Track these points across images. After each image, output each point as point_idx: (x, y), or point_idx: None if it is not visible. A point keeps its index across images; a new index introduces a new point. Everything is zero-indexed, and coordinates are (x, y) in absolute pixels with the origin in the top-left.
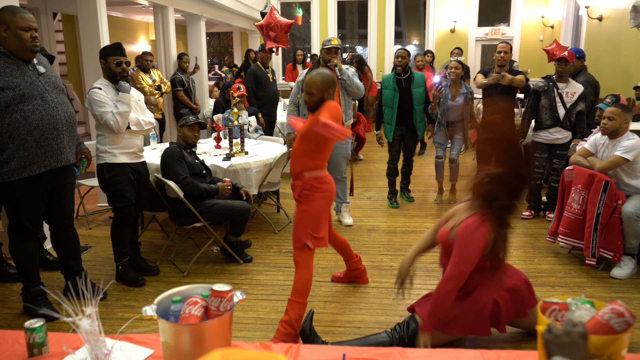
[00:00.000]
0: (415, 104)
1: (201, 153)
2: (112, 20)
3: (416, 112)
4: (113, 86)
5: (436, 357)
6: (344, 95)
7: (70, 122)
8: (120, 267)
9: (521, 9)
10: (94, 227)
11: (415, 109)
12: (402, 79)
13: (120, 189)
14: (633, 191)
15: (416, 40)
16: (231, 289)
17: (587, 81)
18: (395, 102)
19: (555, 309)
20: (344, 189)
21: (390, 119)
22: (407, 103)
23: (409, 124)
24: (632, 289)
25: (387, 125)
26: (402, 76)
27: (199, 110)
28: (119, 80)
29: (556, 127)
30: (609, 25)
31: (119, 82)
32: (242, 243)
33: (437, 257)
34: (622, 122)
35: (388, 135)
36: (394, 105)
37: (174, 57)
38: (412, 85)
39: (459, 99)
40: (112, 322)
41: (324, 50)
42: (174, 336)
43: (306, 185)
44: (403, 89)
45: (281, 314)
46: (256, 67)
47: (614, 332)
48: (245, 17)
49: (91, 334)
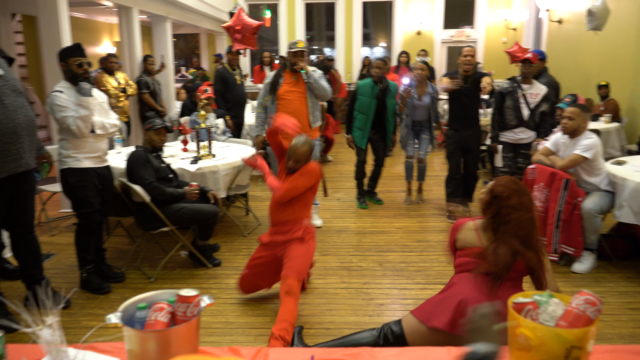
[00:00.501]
0: (388, 114)
1: (168, 156)
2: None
3: (389, 122)
4: (75, 89)
5: (405, 355)
6: (311, 97)
7: (31, 126)
8: (85, 275)
9: (485, 12)
10: (56, 233)
11: (388, 120)
12: (380, 89)
13: (85, 194)
14: (592, 188)
15: (383, 42)
16: (198, 294)
17: (548, 82)
18: (371, 110)
19: (529, 308)
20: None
21: (364, 126)
22: (381, 113)
23: (380, 130)
24: (592, 282)
25: (358, 131)
26: (380, 85)
27: (165, 113)
28: (80, 82)
29: (521, 127)
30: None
31: (79, 84)
32: (210, 247)
33: (406, 257)
34: (582, 122)
35: (360, 141)
36: (370, 113)
37: (139, 59)
38: (387, 96)
39: (425, 98)
40: (76, 332)
41: (291, 53)
42: (139, 343)
43: (307, 228)
44: (379, 99)
45: (250, 317)
46: (223, 69)
47: (591, 322)
48: (212, 19)
49: (52, 344)
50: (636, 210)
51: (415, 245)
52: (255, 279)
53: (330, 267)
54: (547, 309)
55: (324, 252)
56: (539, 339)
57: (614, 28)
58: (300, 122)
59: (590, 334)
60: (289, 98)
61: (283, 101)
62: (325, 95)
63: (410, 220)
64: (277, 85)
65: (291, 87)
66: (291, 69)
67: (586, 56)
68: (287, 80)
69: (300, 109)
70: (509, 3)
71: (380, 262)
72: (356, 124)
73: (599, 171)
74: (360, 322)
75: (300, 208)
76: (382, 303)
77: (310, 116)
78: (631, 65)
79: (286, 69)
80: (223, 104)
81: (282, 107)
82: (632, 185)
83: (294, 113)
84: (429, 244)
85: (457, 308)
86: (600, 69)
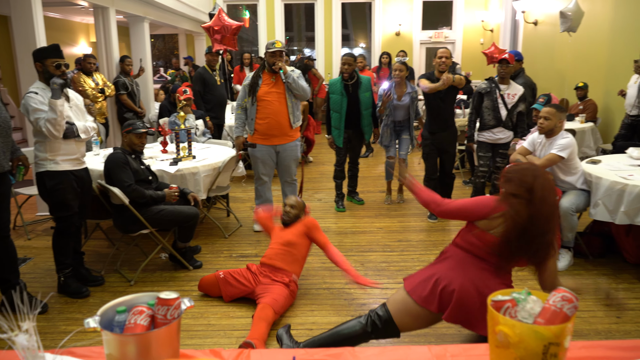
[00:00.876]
0: (362, 108)
1: (147, 158)
2: (50, 22)
3: (363, 116)
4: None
5: (387, 354)
6: (291, 97)
7: (5, 128)
8: (63, 279)
9: (462, 13)
10: (33, 237)
11: (362, 114)
12: (349, 84)
13: (63, 197)
14: (568, 187)
15: (363, 42)
16: (178, 297)
17: (525, 83)
18: (343, 107)
19: (508, 306)
20: (294, 191)
21: (339, 123)
22: (355, 108)
23: (356, 127)
24: (569, 280)
25: (335, 130)
26: (349, 81)
27: (143, 114)
28: (51, 82)
29: (499, 127)
30: (544, 29)
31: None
32: (191, 249)
33: (387, 256)
34: (557, 122)
35: (337, 140)
36: (342, 111)
37: (117, 60)
38: (359, 90)
39: (404, 98)
40: (54, 337)
41: (268, 53)
42: (118, 348)
43: (295, 282)
44: (350, 94)
45: (232, 319)
46: (203, 69)
47: (568, 318)
48: (191, 19)
49: (29, 350)
50: (611, 209)
51: (397, 245)
52: (223, 285)
53: (312, 267)
54: (526, 307)
55: None
56: (517, 336)
57: (588, 29)
58: (280, 122)
59: (567, 331)
60: (269, 99)
61: (263, 102)
62: (305, 95)
63: (391, 220)
64: (257, 87)
65: (270, 87)
66: (270, 69)
67: (561, 57)
68: (266, 81)
69: (280, 109)
70: (486, 5)
71: (362, 262)
72: (332, 123)
73: (575, 170)
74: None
75: (295, 261)
76: (364, 303)
77: (291, 116)
78: (604, 66)
79: (265, 69)
80: (203, 105)
81: (262, 108)
82: (606, 184)
83: (274, 114)
84: (409, 243)
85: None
86: (575, 69)
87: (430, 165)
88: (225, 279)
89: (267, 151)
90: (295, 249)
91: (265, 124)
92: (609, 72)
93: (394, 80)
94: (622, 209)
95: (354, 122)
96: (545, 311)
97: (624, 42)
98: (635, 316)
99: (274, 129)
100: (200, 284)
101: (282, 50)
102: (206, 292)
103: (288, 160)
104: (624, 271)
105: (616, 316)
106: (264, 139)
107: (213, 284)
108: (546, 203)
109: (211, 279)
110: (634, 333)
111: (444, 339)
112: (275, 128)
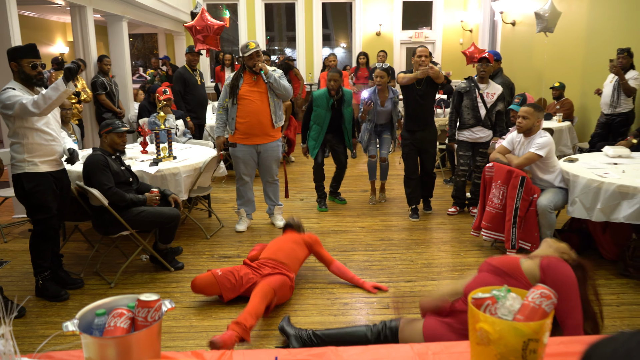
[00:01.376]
0: (345, 122)
1: (127, 159)
2: (25, 20)
3: (346, 131)
4: (28, 90)
5: (369, 353)
6: (273, 97)
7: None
8: (41, 282)
9: (442, 14)
10: (9, 240)
11: (345, 128)
12: (335, 100)
13: (42, 199)
14: (547, 185)
15: (344, 42)
16: (159, 299)
17: (503, 82)
18: (325, 122)
19: (488, 303)
20: (275, 191)
21: (317, 136)
22: (338, 123)
23: (338, 135)
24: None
25: (312, 142)
26: (335, 97)
27: (123, 114)
28: (35, 85)
29: (478, 127)
30: (521, 29)
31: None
32: (172, 250)
33: (370, 256)
34: (535, 121)
35: (312, 151)
36: (324, 125)
37: (94, 60)
38: (343, 106)
39: (387, 104)
40: (32, 341)
41: (246, 57)
42: (98, 351)
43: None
44: (335, 109)
45: (214, 320)
46: (183, 69)
47: (547, 315)
48: (171, 19)
49: (5, 355)
50: (588, 206)
51: (379, 244)
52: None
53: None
54: (505, 304)
55: None
56: (497, 333)
57: (564, 30)
58: (262, 121)
59: (546, 327)
60: (251, 98)
61: (244, 101)
62: (287, 95)
63: (374, 220)
64: (237, 87)
65: (251, 87)
66: (251, 70)
67: (539, 57)
68: (247, 80)
69: (262, 109)
70: (465, 5)
71: (345, 262)
72: (311, 134)
73: (553, 168)
74: (325, 322)
75: (296, 260)
76: (347, 302)
77: (273, 115)
78: (581, 66)
79: (245, 71)
80: (183, 105)
81: (243, 107)
82: (583, 182)
83: (256, 113)
84: (392, 242)
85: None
86: (552, 69)
87: (411, 165)
88: (225, 277)
89: (248, 151)
90: (298, 250)
91: (246, 123)
92: (585, 72)
93: (375, 87)
94: (599, 206)
95: (337, 134)
96: (525, 308)
97: (600, 42)
98: (612, 311)
99: (255, 128)
100: (195, 284)
101: (258, 50)
102: (202, 292)
103: (269, 160)
104: (601, 267)
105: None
106: (245, 138)
107: (211, 284)
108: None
109: (208, 278)
110: (611, 328)
111: None
112: (257, 127)
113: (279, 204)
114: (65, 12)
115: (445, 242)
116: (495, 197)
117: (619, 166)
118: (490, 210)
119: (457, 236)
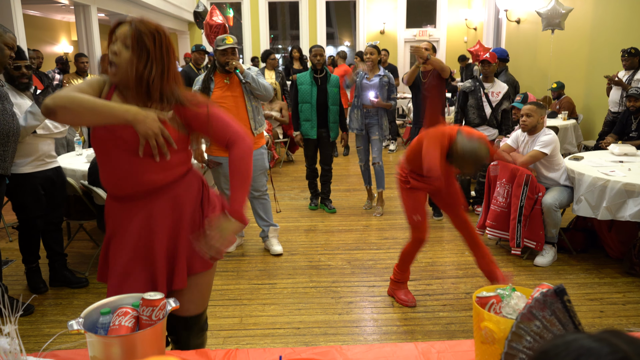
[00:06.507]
0: (329, 102)
1: None
2: (30, 20)
3: (330, 111)
4: (17, 92)
5: (374, 352)
6: (250, 100)
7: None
8: (26, 271)
9: (446, 12)
10: (14, 239)
11: (329, 108)
12: (319, 77)
13: (22, 200)
14: (551, 183)
15: (348, 41)
16: (163, 297)
17: (507, 81)
18: (313, 97)
19: (493, 302)
20: (266, 208)
21: (310, 114)
22: (323, 100)
23: (323, 124)
24: (553, 275)
25: (306, 123)
26: (319, 74)
27: None
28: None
29: (484, 126)
30: (526, 27)
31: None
32: None
33: (373, 255)
34: (539, 118)
35: (310, 131)
36: (312, 100)
37: (99, 58)
38: (327, 84)
39: (374, 79)
40: (38, 340)
41: (219, 52)
42: (103, 350)
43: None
44: (319, 85)
45: (219, 319)
46: (189, 68)
47: None
48: (174, 18)
49: (11, 353)
50: (593, 204)
51: (383, 242)
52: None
53: (298, 266)
54: (510, 302)
55: (292, 252)
56: (502, 332)
57: (569, 28)
58: None
59: None
60: (225, 105)
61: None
62: (267, 95)
63: (378, 218)
64: (209, 92)
65: (224, 91)
66: (222, 70)
67: (543, 55)
68: (219, 84)
69: (238, 115)
70: (469, 3)
71: (349, 261)
72: (302, 116)
73: (558, 167)
74: (330, 321)
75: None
76: (351, 301)
77: (252, 121)
78: (585, 64)
79: (216, 70)
80: None
81: None
82: (588, 180)
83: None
84: (396, 241)
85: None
86: (556, 67)
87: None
88: None
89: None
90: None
91: None
92: (590, 71)
93: (366, 63)
94: (604, 204)
95: (322, 118)
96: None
97: (605, 40)
98: (618, 310)
99: None
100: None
101: (234, 47)
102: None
103: (255, 171)
104: (606, 266)
105: (599, 310)
106: (222, 149)
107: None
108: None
109: None
110: (618, 327)
111: (430, 335)
112: None
113: (274, 224)
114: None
115: (449, 240)
116: (500, 196)
117: (625, 164)
118: (495, 209)
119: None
